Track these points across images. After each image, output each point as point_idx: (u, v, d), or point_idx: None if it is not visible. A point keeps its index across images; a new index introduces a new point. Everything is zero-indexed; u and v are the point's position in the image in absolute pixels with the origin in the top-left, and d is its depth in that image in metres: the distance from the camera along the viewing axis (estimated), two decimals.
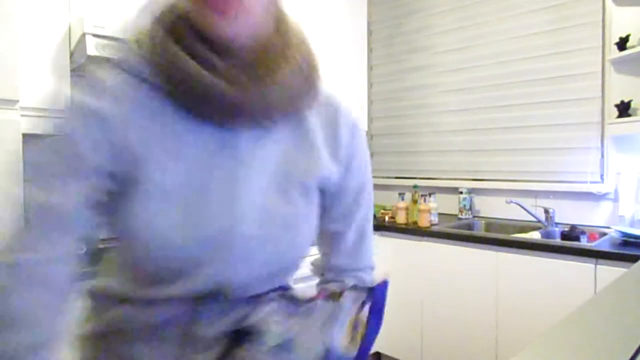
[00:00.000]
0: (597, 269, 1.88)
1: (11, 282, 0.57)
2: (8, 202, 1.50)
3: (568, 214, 2.48)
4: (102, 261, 0.75)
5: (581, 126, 2.46)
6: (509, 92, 2.71)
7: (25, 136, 1.53)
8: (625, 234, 1.99)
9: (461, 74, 2.93)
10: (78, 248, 0.62)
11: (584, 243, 2.11)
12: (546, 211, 2.44)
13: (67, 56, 1.74)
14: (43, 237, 0.59)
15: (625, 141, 2.33)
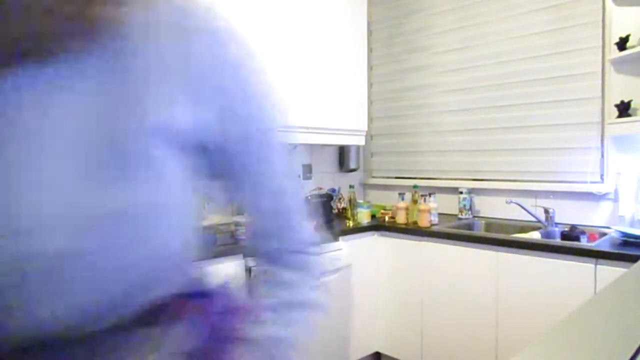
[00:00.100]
0: (597, 269, 1.88)
1: None
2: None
3: (568, 214, 2.49)
4: None
5: (581, 126, 2.46)
6: (509, 92, 2.72)
7: None
8: (625, 234, 1.99)
9: (461, 74, 2.93)
10: None
11: (584, 243, 2.11)
12: (546, 211, 2.44)
13: None
14: None
15: (625, 141, 2.33)
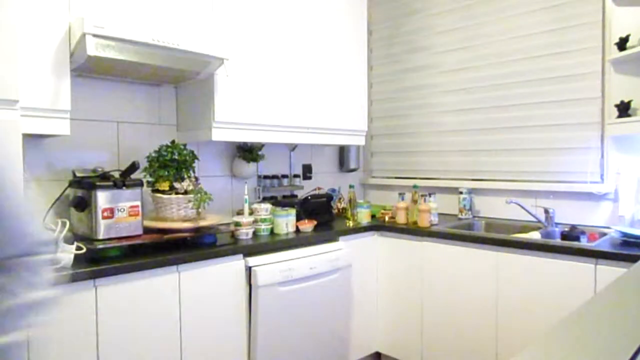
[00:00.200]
0: (597, 269, 1.88)
1: None
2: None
3: (568, 214, 2.49)
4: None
5: (581, 126, 2.46)
6: (509, 92, 2.72)
7: (25, 136, 1.53)
8: (625, 234, 1.99)
9: (461, 74, 2.93)
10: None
11: (584, 243, 2.11)
12: (546, 211, 2.44)
13: (67, 56, 1.74)
14: None
15: (625, 141, 2.33)
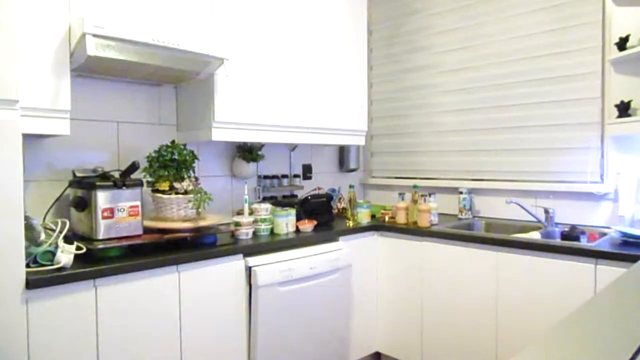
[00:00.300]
0: (597, 269, 1.88)
1: None
2: (9, 202, 1.50)
3: (568, 214, 2.49)
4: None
5: (581, 126, 2.46)
6: (509, 92, 2.72)
7: (25, 136, 1.52)
8: (625, 234, 1.99)
9: (461, 74, 2.93)
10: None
11: (584, 243, 2.11)
12: (546, 211, 2.44)
13: (67, 56, 1.74)
14: None
15: (625, 141, 2.33)
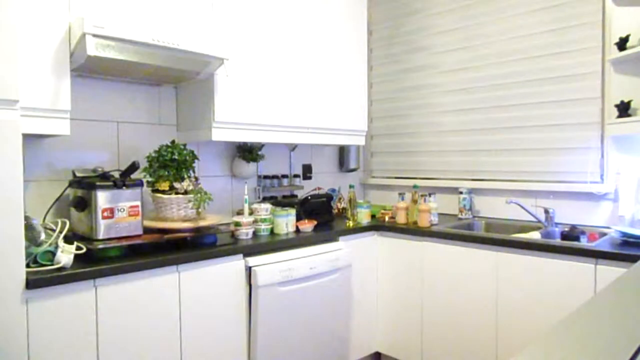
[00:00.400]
0: (597, 269, 1.88)
1: None
2: (9, 202, 1.50)
3: (568, 214, 2.49)
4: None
5: (581, 126, 2.46)
6: (509, 92, 2.72)
7: (25, 136, 1.52)
8: (625, 234, 1.99)
9: (461, 74, 2.93)
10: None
11: (584, 243, 2.11)
12: (546, 211, 2.44)
13: (67, 56, 1.74)
14: None
15: (625, 141, 2.33)
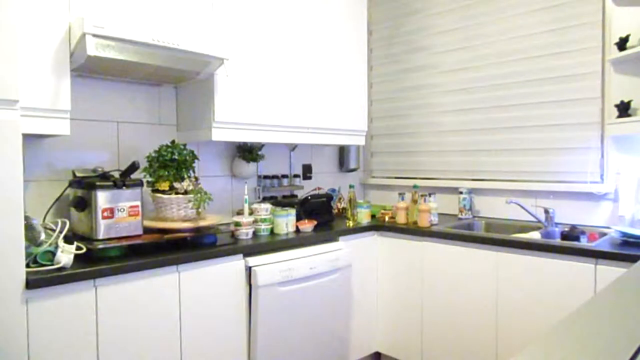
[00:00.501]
0: (597, 269, 1.88)
1: None
2: (9, 202, 1.50)
3: (568, 214, 2.49)
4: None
5: (581, 126, 2.46)
6: (509, 92, 2.72)
7: (25, 136, 1.52)
8: (625, 234, 1.99)
9: (461, 74, 2.93)
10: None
11: (584, 243, 2.11)
12: (546, 211, 2.44)
13: (67, 56, 1.74)
14: None
15: (625, 141, 2.33)
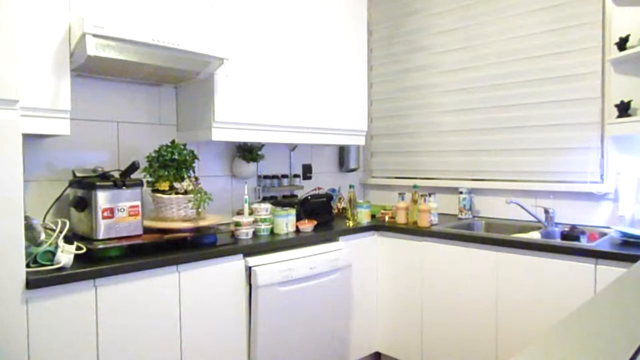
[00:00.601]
0: (597, 269, 1.88)
1: None
2: (9, 202, 1.50)
3: (568, 214, 2.49)
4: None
5: (581, 126, 2.46)
6: (509, 92, 2.72)
7: (25, 136, 1.52)
8: (625, 234, 1.99)
9: (461, 74, 2.93)
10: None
11: (584, 243, 2.11)
12: (546, 211, 2.44)
13: (67, 56, 1.74)
14: None
15: (625, 141, 2.33)
